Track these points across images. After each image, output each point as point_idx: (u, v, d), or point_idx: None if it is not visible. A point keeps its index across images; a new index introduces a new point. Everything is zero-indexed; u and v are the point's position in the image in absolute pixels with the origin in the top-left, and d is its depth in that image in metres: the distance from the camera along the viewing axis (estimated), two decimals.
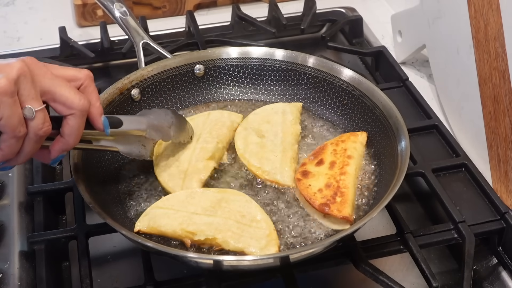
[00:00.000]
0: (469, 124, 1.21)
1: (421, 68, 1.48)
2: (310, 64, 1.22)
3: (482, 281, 1.05)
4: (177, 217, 0.97)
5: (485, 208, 1.08)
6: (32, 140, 0.82)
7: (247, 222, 0.97)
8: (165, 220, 0.97)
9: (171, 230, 0.96)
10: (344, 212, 0.98)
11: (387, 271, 0.96)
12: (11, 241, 1.05)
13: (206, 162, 1.08)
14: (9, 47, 1.52)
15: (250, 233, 0.95)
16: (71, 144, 0.87)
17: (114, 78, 1.21)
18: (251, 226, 0.96)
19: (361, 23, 1.57)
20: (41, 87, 0.81)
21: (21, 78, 0.78)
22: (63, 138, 0.86)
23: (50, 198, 1.13)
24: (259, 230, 0.96)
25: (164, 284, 0.96)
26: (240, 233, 0.95)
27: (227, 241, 0.94)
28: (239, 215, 0.98)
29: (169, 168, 1.08)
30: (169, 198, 1.02)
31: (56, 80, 0.83)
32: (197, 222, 0.96)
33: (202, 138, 1.12)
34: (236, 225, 0.96)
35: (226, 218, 0.97)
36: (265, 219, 0.98)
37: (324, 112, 1.21)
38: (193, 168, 1.07)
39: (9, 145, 0.81)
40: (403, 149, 1.02)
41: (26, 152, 0.83)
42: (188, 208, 0.99)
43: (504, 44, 1.06)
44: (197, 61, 1.23)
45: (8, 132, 0.79)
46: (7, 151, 0.81)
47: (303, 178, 1.05)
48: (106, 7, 1.26)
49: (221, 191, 1.03)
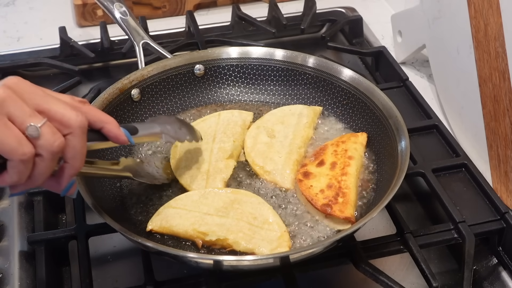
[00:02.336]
0: (469, 124, 1.21)
1: (421, 68, 1.48)
2: (310, 64, 1.22)
3: (482, 281, 1.05)
4: (189, 217, 0.98)
5: (485, 208, 1.08)
6: (48, 159, 0.75)
7: (259, 224, 0.97)
8: (177, 220, 0.97)
9: (183, 230, 0.97)
10: (346, 213, 0.98)
11: (387, 271, 0.96)
12: (11, 241, 1.05)
13: (226, 161, 1.09)
14: (9, 47, 1.52)
15: (261, 235, 0.96)
16: (77, 167, 0.79)
17: (114, 78, 1.21)
18: (262, 228, 0.96)
19: (361, 23, 1.57)
20: (33, 105, 0.74)
21: (6, 101, 0.72)
22: (68, 163, 0.79)
23: (50, 198, 1.13)
24: (270, 232, 0.96)
25: (164, 284, 0.96)
26: (251, 235, 0.95)
27: (238, 242, 0.94)
28: (251, 217, 0.98)
29: (190, 170, 1.08)
30: (182, 198, 1.02)
31: (49, 97, 0.76)
32: (209, 223, 0.96)
33: (218, 138, 1.13)
34: (248, 227, 0.96)
35: (238, 219, 0.97)
36: (277, 222, 0.98)
37: (324, 112, 1.21)
38: (214, 168, 1.08)
39: (17, 170, 0.74)
40: (403, 149, 1.02)
41: (42, 173, 0.76)
42: (200, 209, 0.99)
43: (504, 44, 1.06)
44: (197, 61, 1.23)
45: (11, 157, 0.72)
46: (15, 176, 0.74)
47: (305, 179, 1.05)
48: (106, 7, 1.26)
49: (234, 191, 1.03)
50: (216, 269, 0.95)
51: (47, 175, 0.77)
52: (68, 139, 0.77)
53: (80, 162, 0.79)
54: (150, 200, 1.05)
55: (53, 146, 0.74)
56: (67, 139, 0.77)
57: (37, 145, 0.74)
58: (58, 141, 0.75)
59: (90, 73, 1.49)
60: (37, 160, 0.75)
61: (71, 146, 0.77)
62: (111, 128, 0.84)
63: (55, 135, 0.75)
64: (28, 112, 0.73)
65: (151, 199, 1.05)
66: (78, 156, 0.78)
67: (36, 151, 0.74)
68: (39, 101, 0.75)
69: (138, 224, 1.01)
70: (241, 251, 0.95)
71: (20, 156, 0.73)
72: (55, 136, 0.75)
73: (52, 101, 0.76)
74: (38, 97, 0.75)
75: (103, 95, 1.11)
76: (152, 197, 1.06)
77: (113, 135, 0.84)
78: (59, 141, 0.75)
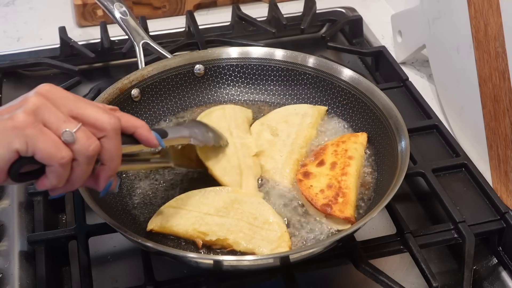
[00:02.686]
0: (469, 124, 1.21)
1: (421, 68, 1.48)
2: (310, 64, 1.22)
3: (482, 281, 1.05)
4: (189, 217, 0.98)
5: (485, 208, 1.08)
6: (84, 163, 0.76)
7: (259, 224, 0.97)
8: (177, 220, 0.97)
9: (183, 230, 0.97)
10: (346, 213, 0.98)
11: (387, 271, 0.96)
12: (11, 241, 1.05)
13: (253, 159, 1.09)
14: (9, 47, 1.52)
15: (261, 235, 0.96)
16: (114, 168, 0.81)
17: (114, 78, 1.21)
18: (263, 228, 0.96)
19: (361, 23, 1.57)
20: (67, 111, 0.76)
21: (41, 109, 0.73)
22: (105, 165, 0.80)
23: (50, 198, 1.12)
24: (271, 232, 0.96)
25: (164, 284, 0.96)
26: (251, 235, 0.95)
27: (238, 242, 0.95)
28: (252, 217, 0.98)
29: (220, 162, 1.07)
30: (182, 198, 1.02)
31: (81, 102, 0.78)
32: (209, 223, 0.97)
33: (235, 133, 1.13)
34: (248, 227, 0.96)
35: (238, 219, 0.97)
36: (277, 222, 0.98)
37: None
38: (244, 164, 1.07)
39: (56, 174, 0.75)
40: (403, 149, 1.02)
41: (79, 177, 0.77)
42: (201, 208, 0.99)
43: (504, 44, 1.06)
44: (197, 61, 1.23)
45: (50, 162, 0.74)
46: (54, 180, 0.76)
47: (304, 178, 1.05)
48: (106, 7, 1.26)
49: (234, 191, 1.03)
50: (216, 269, 0.95)
51: (85, 178, 0.79)
52: (103, 141, 0.78)
53: (117, 163, 0.81)
54: (150, 200, 1.05)
55: (88, 150, 0.76)
56: (102, 141, 0.78)
57: (73, 150, 0.75)
58: (93, 145, 0.76)
59: (90, 73, 1.49)
60: (74, 164, 0.76)
61: (106, 149, 0.78)
62: (143, 132, 0.85)
63: (90, 139, 0.76)
64: (62, 118, 0.75)
65: (151, 199, 1.05)
66: (114, 157, 0.80)
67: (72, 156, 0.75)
68: (72, 107, 0.77)
69: (138, 224, 1.01)
70: (241, 251, 0.95)
71: (59, 160, 0.74)
72: (90, 140, 0.76)
73: (85, 106, 0.77)
74: (71, 102, 0.77)
75: (103, 95, 1.11)
76: (152, 197, 1.06)
77: (145, 139, 0.85)
78: (94, 145, 0.76)
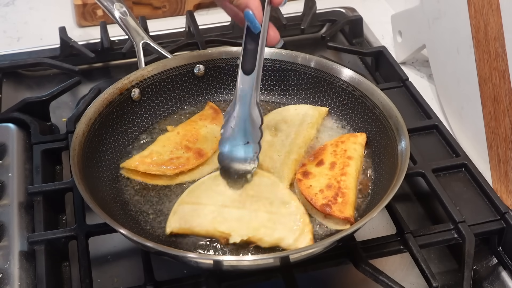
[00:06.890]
0: (469, 124, 1.21)
1: (421, 68, 1.48)
2: (310, 64, 1.22)
3: (482, 281, 1.05)
4: (206, 213, 0.98)
5: (485, 208, 1.08)
6: None
7: (277, 210, 0.98)
8: (196, 220, 0.98)
9: (204, 230, 0.97)
10: (346, 213, 0.98)
11: (387, 271, 0.96)
12: (11, 241, 1.05)
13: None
14: (9, 47, 1.52)
15: (282, 223, 0.96)
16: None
17: (114, 78, 1.21)
18: (282, 215, 0.97)
19: (361, 23, 1.57)
20: None
21: None
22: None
23: (50, 198, 1.13)
24: (290, 217, 0.97)
25: (164, 284, 0.96)
26: (272, 226, 0.96)
27: (261, 239, 0.95)
28: (268, 203, 0.99)
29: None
30: (193, 190, 1.02)
31: None
32: (228, 218, 0.97)
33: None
34: (267, 217, 0.97)
35: (255, 210, 0.98)
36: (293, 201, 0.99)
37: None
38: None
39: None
40: (403, 149, 1.02)
41: None
42: (215, 200, 0.99)
43: (504, 44, 1.06)
44: (197, 61, 1.23)
45: None
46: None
47: (304, 178, 1.05)
48: (106, 7, 1.26)
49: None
50: (216, 269, 0.95)
51: None
52: None
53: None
54: (150, 200, 1.05)
55: None
56: None
57: None
58: None
59: (90, 73, 1.49)
60: None
61: None
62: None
63: None
64: None
65: (151, 198, 1.05)
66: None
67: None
68: None
69: (138, 224, 1.01)
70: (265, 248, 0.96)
71: None
72: None
73: None
74: None
75: (103, 95, 1.11)
76: (151, 196, 1.06)
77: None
78: None
